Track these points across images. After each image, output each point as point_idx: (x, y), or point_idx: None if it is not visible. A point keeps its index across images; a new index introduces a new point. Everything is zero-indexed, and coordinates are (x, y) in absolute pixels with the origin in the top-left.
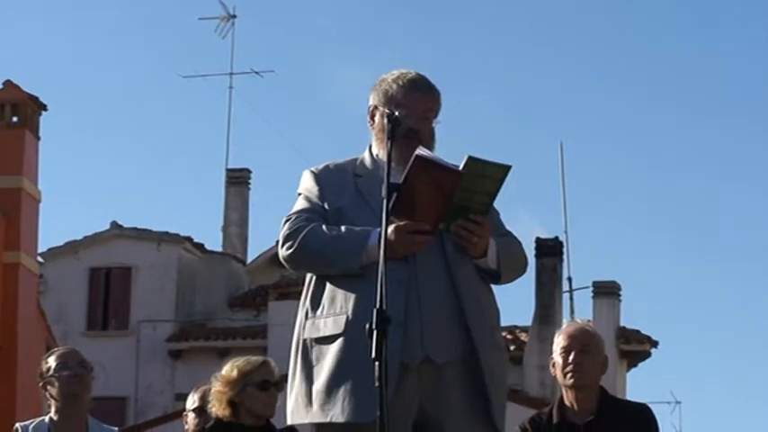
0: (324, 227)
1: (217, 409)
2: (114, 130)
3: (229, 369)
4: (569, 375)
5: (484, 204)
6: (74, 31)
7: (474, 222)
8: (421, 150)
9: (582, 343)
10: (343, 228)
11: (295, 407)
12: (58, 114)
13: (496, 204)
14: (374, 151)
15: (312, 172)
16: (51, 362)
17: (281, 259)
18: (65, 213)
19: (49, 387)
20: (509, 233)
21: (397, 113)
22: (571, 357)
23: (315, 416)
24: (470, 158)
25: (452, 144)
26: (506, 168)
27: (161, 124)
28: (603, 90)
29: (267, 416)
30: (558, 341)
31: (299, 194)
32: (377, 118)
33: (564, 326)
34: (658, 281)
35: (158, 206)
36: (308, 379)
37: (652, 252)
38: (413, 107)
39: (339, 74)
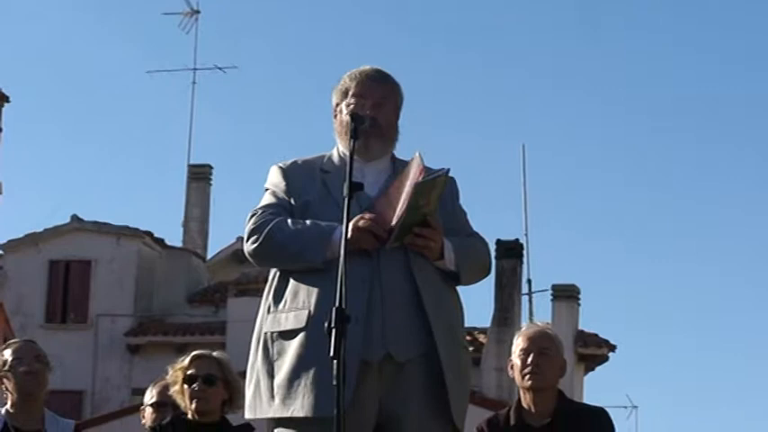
0: (289, 221)
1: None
2: (77, 124)
3: (170, 369)
4: (527, 377)
5: (432, 210)
6: (37, 24)
7: (427, 227)
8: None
9: (541, 345)
10: (308, 222)
11: (257, 401)
12: (21, 106)
13: (464, 205)
14: (340, 148)
15: (279, 167)
16: (7, 355)
17: (246, 253)
18: (26, 205)
19: (5, 381)
20: (475, 234)
21: (352, 104)
22: (530, 359)
23: (276, 410)
24: (418, 185)
25: (417, 147)
26: (446, 174)
27: (124, 118)
28: (566, 93)
29: (196, 410)
30: (518, 343)
31: (266, 189)
32: (338, 116)
33: (523, 328)
34: (617, 285)
35: (119, 200)
36: (270, 373)
37: (612, 256)
38: (366, 95)
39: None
